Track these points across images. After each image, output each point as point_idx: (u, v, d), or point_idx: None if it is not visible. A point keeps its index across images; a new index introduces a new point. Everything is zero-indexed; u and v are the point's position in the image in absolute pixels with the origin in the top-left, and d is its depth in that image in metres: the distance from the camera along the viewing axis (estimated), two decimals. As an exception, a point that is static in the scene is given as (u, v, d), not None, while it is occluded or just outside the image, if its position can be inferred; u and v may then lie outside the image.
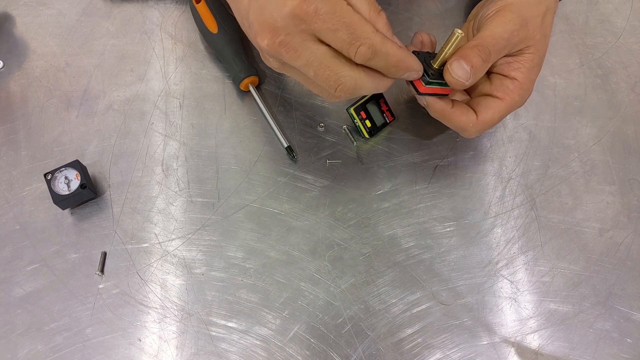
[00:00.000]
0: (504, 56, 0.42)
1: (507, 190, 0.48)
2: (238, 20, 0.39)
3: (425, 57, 0.41)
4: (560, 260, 0.46)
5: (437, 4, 0.56)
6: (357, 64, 0.36)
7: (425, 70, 0.40)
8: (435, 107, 0.42)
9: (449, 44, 0.39)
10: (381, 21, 0.36)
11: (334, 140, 0.50)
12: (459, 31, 0.38)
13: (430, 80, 0.40)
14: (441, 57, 0.39)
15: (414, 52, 0.40)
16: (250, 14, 0.35)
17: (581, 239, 0.47)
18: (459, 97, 0.45)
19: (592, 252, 0.46)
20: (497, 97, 0.42)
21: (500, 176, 0.49)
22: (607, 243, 0.46)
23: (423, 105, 0.43)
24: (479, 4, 0.50)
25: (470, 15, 0.50)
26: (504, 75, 0.42)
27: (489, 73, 0.44)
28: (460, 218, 0.47)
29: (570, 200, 0.48)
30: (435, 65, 0.40)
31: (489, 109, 0.42)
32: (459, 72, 0.39)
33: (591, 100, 0.52)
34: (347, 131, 0.50)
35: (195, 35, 0.55)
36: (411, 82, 0.41)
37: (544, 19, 0.42)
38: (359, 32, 0.34)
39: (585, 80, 0.53)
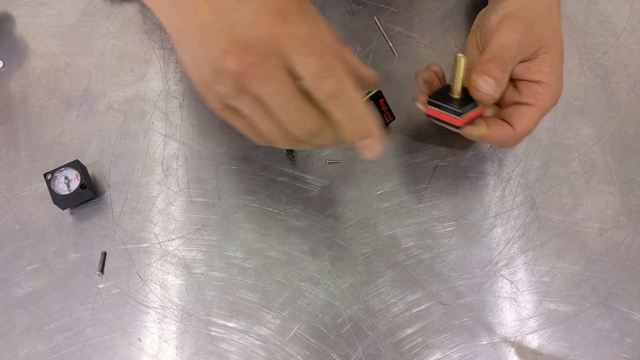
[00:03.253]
0: (521, 62, 0.42)
1: (507, 190, 0.48)
2: (186, 31, 0.33)
3: (443, 92, 0.41)
4: (560, 260, 0.46)
5: (437, 4, 0.56)
6: (319, 109, 0.33)
7: (452, 105, 0.40)
8: (473, 134, 0.42)
9: (458, 70, 0.39)
10: (348, 53, 0.35)
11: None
12: (460, 55, 0.39)
13: (461, 111, 0.40)
14: (457, 84, 0.40)
15: (432, 94, 0.41)
16: (215, 28, 0.31)
17: (581, 239, 0.47)
18: (489, 111, 0.45)
19: (592, 252, 0.46)
20: (528, 104, 0.42)
21: (500, 176, 0.49)
22: (607, 243, 0.46)
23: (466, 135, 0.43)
24: (479, 14, 0.50)
25: (473, 26, 0.50)
26: (529, 81, 0.42)
27: (512, 81, 0.43)
28: (460, 218, 0.47)
29: (570, 200, 0.48)
30: (456, 95, 0.40)
31: (523, 117, 0.42)
32: (485, 86, 0.39)
33: (591, 100, 0.52)
34: (347, 131, 0.50)
35: (195, 35, 0.55)
36: (446, 122, 0.41)
37: (550, 16, 0.42)
38: (330, 61, 0.32)
39: (585, 80, 0.53)
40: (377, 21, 0.55)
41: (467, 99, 0.41)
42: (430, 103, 0.42)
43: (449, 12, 0.56)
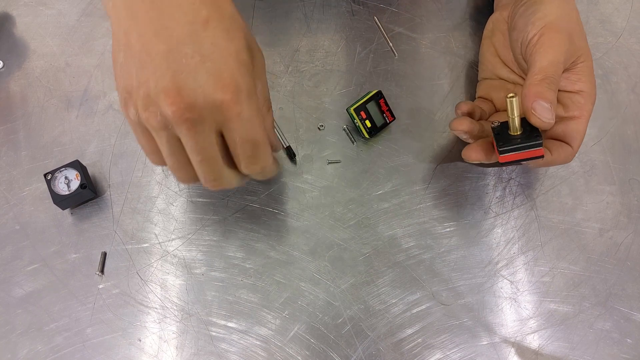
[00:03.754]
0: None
1: (507, 190, 0.48)
2: (125, 47, 0.34)
3: (504, 136, 0.40)
4: (560, 260, 0.46)
5: (438, 5, 0.56)
6: (237, 167, 0.37)
7: (524, 141, 0.39)
8: (540, 164, 0.42)
9: (513, 109, 0.39)
10: (269, 119, 0.39)
11: (334, 141, 0.50)
12: (511, 95, 0.38)
13: (541, 140, 0.39)
14: (516, 123, 0.39)
15: (498, 143, 0.40)
16: (161, 65, 0.32)
17: (581, 239, 0.47)
18: None
19: (592, 252, 0.46)
20: (576, 118, 0.42)
21: (500, 176, 0.49)
22: (607, 243, 0.46)
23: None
24: (493, 19, 0.49)
25: (486, 31, 0.49)
26: (569, 92, 0.42)
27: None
28: (460, 218, 0.47)
29: (570, 200, 0.48)
30: (517, 132, 0.40)
31: (577, 133, 0.42)
32: (544, 114, 0.38)
33: (591, 101, 0.52)
34: (347, 131, 0.50)
35: (195, 35, 0.55)
36: (526, 159, 0.40)
37: (579, 22, 0.42)
38: (262, 151, 0.35)
39: (585, 81, 0.53)
40: (378, 21, 0.55)
41: (528, 129, 0.40)
42: (503, 152, 0.40)
43: (449, 13, 0.56)
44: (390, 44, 0.54)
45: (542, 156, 0.40)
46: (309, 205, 0.47)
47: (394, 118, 0.49)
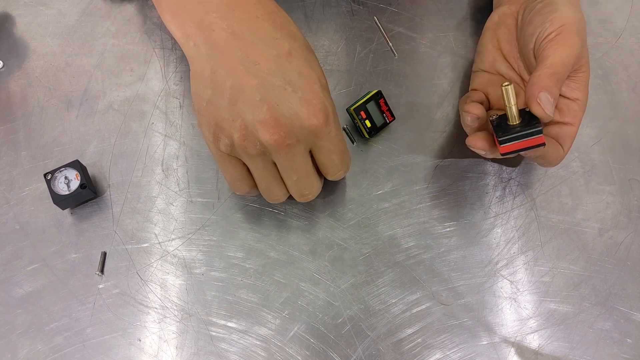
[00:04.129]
0: None
1: (507, 190, 0.48)
2: (216, 81, 0.36)
3: (503, 126, 0.40)
4: (560, 260, 0.46)
5: (438, 4, 0.56)
6: (321, 176, 0.42)
7: (524, 129, 0.39)
8: (537, 156, 0.42)
9: (510, 97, 0.39)
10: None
11: (334, 140, 0.50)
12: (506, 85, 0.38)
13: (540, 127, 0.39)
14: (513, 111, 0.39)
15: (497, 133, 0.40)
16: (256, 99, 0.35)
17: (581, 239, 0.47)
18: None
19: (592, 252, 0.46)
20: (569, 124, 0.42)
21: (500, 176, 0.49)
22: (607, 243, 0.46)
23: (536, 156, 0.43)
24: (500, 12, 0.48)
25: (490, 23, 0.49)
26: (567, 99, 0.42)
27: None
28: (460, 218, 0.47)
29: (570, 200, 0.48)
30: (516, 121, 0.40)
31: (568, 138, 0.42)
32: (547, 106, 0.38)
33: (591, 101, 0.52)
34: (347, 131, 0.50)
35: (195, 35, 0.55)
36: (527, 148, 0.40)
37: (585, 33, 0.42)
38: (347, 160, 0.41)
39: (585, 80, 0.53)
40: (378, 21, 0.55)
41: (527, 118, 0.40)
42: (503, 142, 0.40)
43: (449, 12, 0.56)
44: (390, 44, 0.54)
45: (544, 144, 0.39)
46: (309, 205, 0.47)
47: (394, 118, 0.49)
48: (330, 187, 0.48)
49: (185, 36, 0.37)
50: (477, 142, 0.42)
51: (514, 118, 0.40)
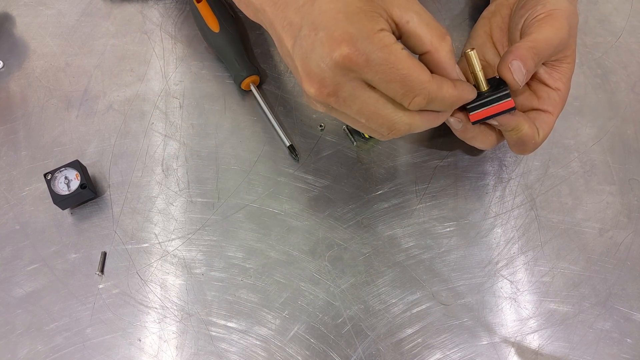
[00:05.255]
0: (544, 65, 0.41)
1: (507, 190, 0.48)
2: (283, 57, 0.37)
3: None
4: (560, 260, 0.46)
5: (438, 5, 0.56)
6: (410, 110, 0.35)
7: (492, 95, 0.38)
8: (512, 121, 0.40)
9: (474, 64, 0.38)
10: (445, 48, 0.34)
11: (334, 141, 0.50)
12: (468, 50, 0.38)
13: (507, 91, 0.38)
14: (480, 77, 0.38)
15: (465, 104, 0.39)
16: (295, 59, 0.34)
17: (581, 239, 0.47)
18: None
19: (592, 252, 0.46)
20: (548, 112, 0.41)
21: (500, 176, 0.49)
22: (607, 243, 0.46)
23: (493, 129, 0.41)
24: (497, 2, 0.48)
25: (486, 12, 0.49)
26: (548, 87, 0.42)
27: (531, 83, 0.43)
28: (460, 218, 0.47)
29: (570, 200, 0.48)
30: (484, 88, 0.39)
31: (545, 124, 0.41)
32: (518, 75, 0.37)
33: (591, 100, 0.52)
34: (347, 131, 0.50)
35: (196, 35, 0.55)
36: (498, 114, 0.39)
37: (577, 26, 0.42)
38: (413, 83, 0.32)
39: (585, 80, 0.53)
40: (377, 21, 0.55)
41: (495, 85, 0.39)
42: (472, 109, 0.39)
43: (449, 13, 0.56)
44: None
45: (514, 107, 0.38)
46: (309, 205, 0.47)
47: (394, 118, 0.49)
48: (330, 187, 0.48)
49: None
50: (457, 112, 0.40)
51: (482, 84, 0.39)
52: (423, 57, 0.35)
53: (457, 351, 0.43)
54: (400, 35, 0.35)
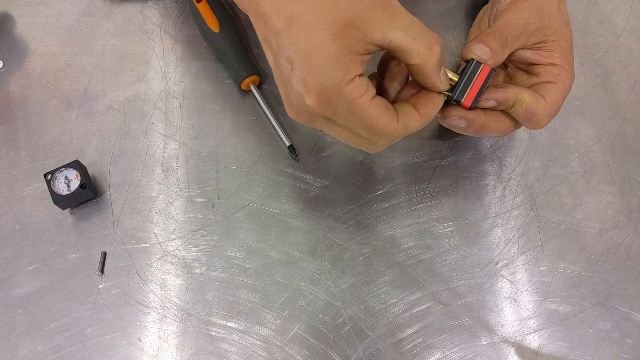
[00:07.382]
0: (530, 48, 0.41)
1: (507, 190, 0.48)
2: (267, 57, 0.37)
3: (449, 95, 0.39)
4: (560, 260, 0.46)
5: (437, 4, 0.56)
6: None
7: (465, 73, 0.38)
8: (511, 93, 0.39)
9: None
10: (431, 60, 0.35)
11: (334, 141, 0.50)
12: None
13: (464, 81, 0.38)
14: (447, 72, 0.38)
15: (447, 99, 0.39)
16: (275, 77, 0.36)
17: (581, 239, 0.47)
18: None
19: (592, 252, 0.46)
20: (551, 82, 0.41)
21: (500, 176, 0.49)
22: (607, 243, 0.46)
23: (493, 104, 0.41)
24: (483, 8, 0.50)
25: (477, 18, 0.50)
26: (542, 64, 0.42)
27: (527, 68, 0.43)
28: (460, 218, 0.47)
29: (570, 200, 0.48)
30: (457, 76, 0.39)
31: (550, 92, 0.40)
32: (479, 52, 0.38)
33: (591, 100, 0.52)
34: (347, 131, 0.50)
35: (196, 35, 0.55)
36: (483, 85, 0.39)
37: (559, 8, 0.42)
38: (379, 132, 0.34)
39: (585, 80, 0.53)
40: (377, 21, 0.55)
41: (464, 67, 0.39)
42: (460, 96, 0.39)
43: (449, 12, 0.56)
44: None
45: (493, 69, 0.38)
46: (309, 205, 0.47)
47: (394, 118, 0.49)
48: (330, 187, 0.48)
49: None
50: (451, 112, 0.40)
51: (454, 74, 0.39)
52: (411, 67, 0.36)
53: (457, 351, 0.43)
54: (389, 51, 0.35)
